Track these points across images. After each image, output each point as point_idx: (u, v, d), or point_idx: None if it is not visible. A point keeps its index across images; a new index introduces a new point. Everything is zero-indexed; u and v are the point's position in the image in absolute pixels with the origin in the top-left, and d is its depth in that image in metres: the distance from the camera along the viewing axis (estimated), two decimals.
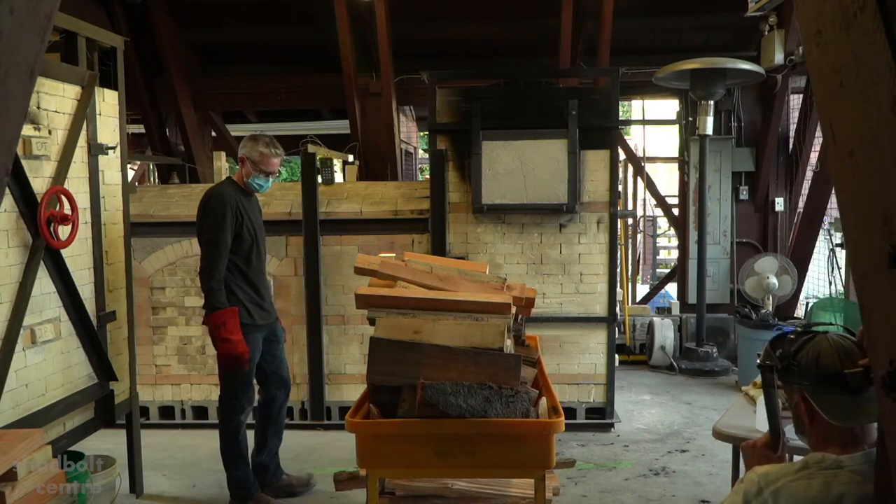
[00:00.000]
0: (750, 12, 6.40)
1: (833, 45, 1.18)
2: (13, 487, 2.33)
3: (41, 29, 1.20)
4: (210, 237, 3.56)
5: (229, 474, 3.74)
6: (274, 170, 3.72)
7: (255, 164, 3.65)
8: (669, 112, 8.43)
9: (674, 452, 4.64)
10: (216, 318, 3.50)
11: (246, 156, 3.66)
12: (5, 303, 3.01)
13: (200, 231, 3.64)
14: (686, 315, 6.99)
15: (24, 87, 1.20)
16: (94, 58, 3.67)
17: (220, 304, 3.51)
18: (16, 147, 1.33)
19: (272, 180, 3.79)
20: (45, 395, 3.23)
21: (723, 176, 7.07)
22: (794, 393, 1.63)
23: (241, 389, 3.68)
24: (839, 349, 1.56)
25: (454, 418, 2.23)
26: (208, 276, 3.54)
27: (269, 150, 3.66)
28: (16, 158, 2.97)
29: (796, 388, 1.62)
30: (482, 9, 7.29)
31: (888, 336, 1.14)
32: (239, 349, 3.49)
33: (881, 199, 1.10)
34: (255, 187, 3.73)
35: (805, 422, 1.61)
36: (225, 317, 3.50)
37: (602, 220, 5.03)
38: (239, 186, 3.72)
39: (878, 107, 1.07)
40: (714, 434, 3.04)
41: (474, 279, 2.86)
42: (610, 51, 6.78)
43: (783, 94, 6.78)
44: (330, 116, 9.31)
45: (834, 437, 1.56)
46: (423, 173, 11.31)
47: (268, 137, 3.73)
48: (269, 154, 3.65)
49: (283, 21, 7.53)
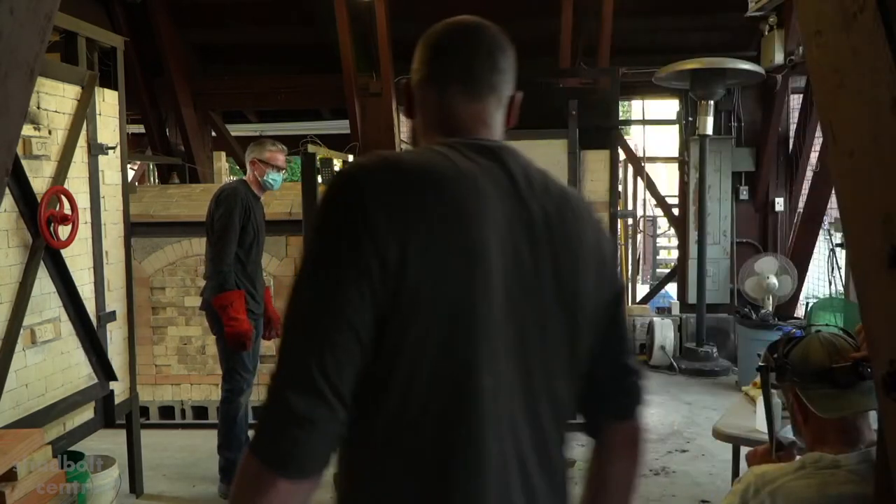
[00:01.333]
0: (750, 12, 6.40)
1: (833, 45, 1.18)
2: (13, 487, 2.33)
3: (41, 29, 1.20)
4: (222, 224, 3.81)
5: (224, 455, 3.87)
6: (282, 165, 4.06)
7: (265, 163, 3.96)
8: (669, 112, 8.43)
9: (674, 452, 4.64)
10: (225, 299, 3.69)
11: (256, 158, 3.97)
12: (5, 303, 3.01)
13: (213, 220, 3.88)
14: (686, 315, 6.99)
15: (24, 87, 1.20)
16: (94, 58, 3.67)
17: (230, 285, 3.72)
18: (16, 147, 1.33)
19: (282, 176, 4.11)
20: (45, 395, 3.23)
21: (723, 176, 7.07)
22: (789, 391, 1.66)
23: (242, 368, 3.85)
24: (828, 346, 1.60)
25: None
26: (219, 260, 3.76)
27: (275, 147, 4.02)
28: (16, 158, 2.97)
29: (789, 387, 1.65)
30: (482, 9, 7.21)
31: (888, 336, 1.14)
32: (244, 327, 3.69)
33: (881, 199, 1.10)
34: (270, 183, 4.01)
35: (800, 420, 1.64)
36: (233, 297, 3.70)
37: (602, 220, 5.02)
38: (249, 188, 3.99)
39: (878, 107, 1.07)
40: (714, 434, 3.04)
41: None
42: (610, 51, 6.77)
43: (783, 94, 6.77)
44: (330, 116, 9.30)
45: (829, 437, 1.57)
46: None
47: (270, 139, 4.12)
48: (276, 151, 4.00)
49: (283, 21, 7.53)
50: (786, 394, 1.69)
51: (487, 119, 1.16)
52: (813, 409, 1.57)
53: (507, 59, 1.20)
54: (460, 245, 0.99)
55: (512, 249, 1.03)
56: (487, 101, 1.16)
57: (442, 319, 0.98)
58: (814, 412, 1.57)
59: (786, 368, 1.65)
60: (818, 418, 1.57)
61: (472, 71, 1.15)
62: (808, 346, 1.63)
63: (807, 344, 1.64)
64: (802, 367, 1.61)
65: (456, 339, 0.99)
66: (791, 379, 1.63)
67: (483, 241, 1.00)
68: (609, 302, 1.16)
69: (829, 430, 1.57)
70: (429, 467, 1.00)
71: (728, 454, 3.10)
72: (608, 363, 1.19)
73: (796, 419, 1.66)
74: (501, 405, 1.02)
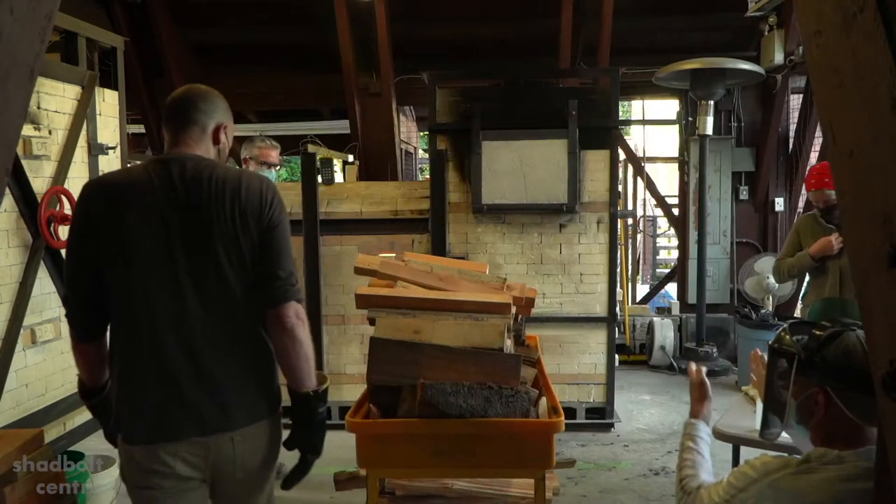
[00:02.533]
0: (750, 12, 6.40)
1: (833, 45, 1.18)
2: (13, 487, 2.33)
3: (41, 29, 1.20)
4: None
5: None
6: (274, 161, 4.07)
7: (256, 160, 3.98)
8: (669, 112, 8.44)
9: (674, 452, 4.64)
10: None
11: (248, 156, 3.99)
12: (5, 303, 3.01)
13: None
14: (686, 315, 6.99)
15: (24, 87, 1.20)
16: (95, 58, 3.68)
17: None
18: (16, 147, 1.33)
19: (275, 173, 4.12)
20: (45, 395, 3.23)
21: (723, 176, 7.08)
22: (812, 386, 1.56)
23: None
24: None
25: (454, 418, 2.22)
26: None
27: (266, 143, 4.04)
28: (16, 158, 2.97)
29: (816, 382, 1.55)
30: (482, 9, 7.29)
31: (888, 336, 1.14)
32: None
33: (881, 199, 1.10)
34: None
35: (818, 416, 1.56)
36: None
37: (602, 220, 5.02)
38: None
39: (878, 107, 1.07)
40: (714, 434, 3.03)
41: (474, 279, 2.85)
42: (610, 51, 6.78)
43: (783, 94, 6.78)
44: (330, 116, 9.31)
45: (841, 434, 1.53)
46: (423, 173, 11.31)
47: (261, 136, 4.13)
48: (267, 147, 4.03)
49: (283, 21, 7.53)
50: (802, 386, 1.58)
51: (182, 141, 1.96)
52: (849, 412, 1.50)
53: (208, 103, 2.00)
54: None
55: (159, 213, 1.86)
56: (187, 130, 1.97)
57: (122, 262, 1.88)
58: (840, 413, 1.51)
59: (815, 363, 1.54)
60: (838, 418, 1.51)
61: (175, 112, 1.98)
62: (849, 345, 1.52)
63: (845, 342, 1.53)
64: (842, 367, 1.51)
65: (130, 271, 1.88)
66: (825, 377, 1.53)
67: (129, 213, 1.87)
68: (260, 235, 1.92)
69: (843, 429, 1.52)
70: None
71: (728, 454, 3.10)
72: (262, 273, 1.91)
73: (811, 414, 1.57)
74: (162, 300, 1.87)
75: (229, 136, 2.06)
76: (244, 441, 1.92)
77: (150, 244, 1.85)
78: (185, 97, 1.99)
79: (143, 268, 1.85)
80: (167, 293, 1.85)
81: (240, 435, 1.90)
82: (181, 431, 1.86)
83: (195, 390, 1.86)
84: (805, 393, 1.59)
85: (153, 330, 1.85)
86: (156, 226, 1.85)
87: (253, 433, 1.94)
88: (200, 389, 1.87)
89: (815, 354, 1.56)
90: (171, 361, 1.85)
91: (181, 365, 1.86)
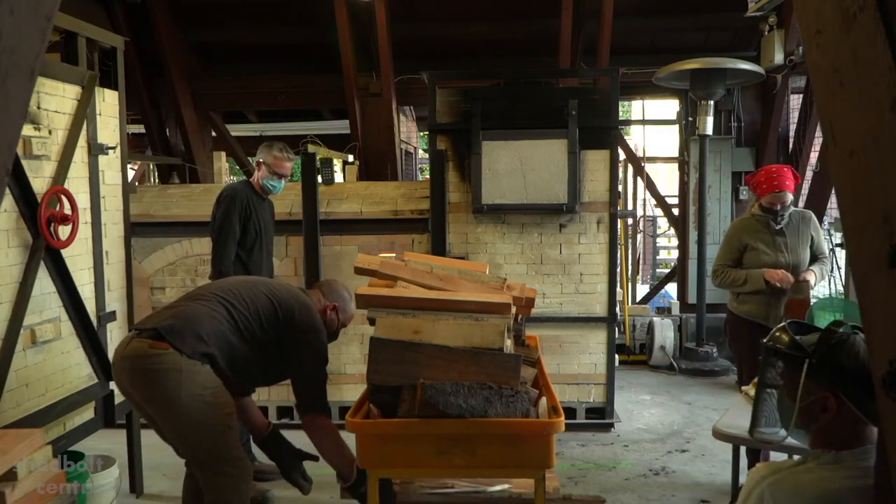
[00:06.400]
0: (750, 12, 6.40)
1: (833, 45, 1.18)
2: (13, 487, 2.33)
3: (41, 29, 1.20)
4: (220, 225, 3.93)
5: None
6: (286, 172, 4.11)
7: (268, 167, 4.04)
8: (669, 112, 8.44)
9: (674, 452, 4.64)
10: None
11: (262, 160, 4.05)
12: (5, 303, 3.01)
13: (212, 220, 4.00)
14: (686, 315, 6.99)
15: (24, 87, 1.20)
16: (95, 58, 3.67)
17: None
18: (16, 147, 1.33)
19: (284, 182, 4.16)
20: (45, 395, 3.23)
21: (723, 176, 7.08)
22: (820, 390, 1.54)
23: None
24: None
25: (454, 418, 2.23)
26: (218, 260, 3.90)
27: (283, 154, 4.07)
28: (16, 158, 2.97)
29: (826, 386, 1.53)
30: (482, 9, 7.29)
31: (888, 336, 1.14)
32: None
33: (881, 199, 1.10)
34: (269, 188, 4.10)
35: (825, 420, 1.54)
36: None
37: (602, 220, 5.02)
38: (252, 188, 4.09)
39: (878, 107, 1.07)
40: (714, 434, 3.04)
41: (474, 279, 2.86)
42: (610, 51, 6.78)
43: (783, 94, 6.78)
44: (330, 116, 9.31)
45: (842, 437, 1.53)
46: (423, 173, 11.32)
47: (282, 144, 4.14)
48: (282, 158, 4.06)
49: (283, 21, 7.54)
50: (810, 388, 1.56)
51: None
52: (862, 415, 1.49)
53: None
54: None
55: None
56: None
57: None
58: (846, 416, 1.50)
59: (826, 365, 1.53)
60: (845, 420, 1.51)
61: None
62: (860, 348, 1.51)
63: (857, 345, 1.52)
64: (855, 369, 1.50)
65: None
66: (837, 379, 1.52)
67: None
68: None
69: (848, 430, 1.52)
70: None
71: (728, 454, 3.10)
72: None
73: (815, 416, 1.55)
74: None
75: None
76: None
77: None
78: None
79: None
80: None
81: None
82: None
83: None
84: (811, 397, 1.56)
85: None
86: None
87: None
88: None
89: (827, 359, 1.54)
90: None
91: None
